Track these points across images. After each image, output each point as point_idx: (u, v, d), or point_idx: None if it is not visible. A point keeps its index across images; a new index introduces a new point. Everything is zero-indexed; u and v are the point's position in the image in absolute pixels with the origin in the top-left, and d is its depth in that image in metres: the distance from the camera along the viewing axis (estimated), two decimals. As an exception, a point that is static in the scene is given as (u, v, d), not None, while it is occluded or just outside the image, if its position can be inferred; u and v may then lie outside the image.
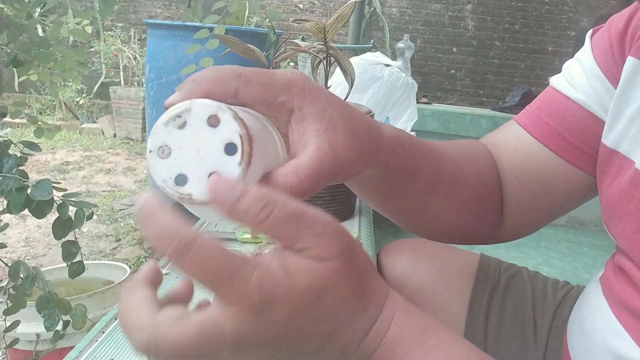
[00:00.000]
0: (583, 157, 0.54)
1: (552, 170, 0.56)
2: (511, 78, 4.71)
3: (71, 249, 0.76)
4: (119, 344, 0.44)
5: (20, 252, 2.39)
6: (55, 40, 0.96)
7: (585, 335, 0.53)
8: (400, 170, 0.46)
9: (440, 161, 0.51)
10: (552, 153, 0.55)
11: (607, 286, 0.51)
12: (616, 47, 0.52)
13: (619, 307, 0.48)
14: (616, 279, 0.50)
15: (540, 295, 0.68)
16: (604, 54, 0.53)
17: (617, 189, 0.48)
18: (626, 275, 0.48)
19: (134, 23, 5.06)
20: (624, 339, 0.46)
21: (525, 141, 0.57)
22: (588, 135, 0.53)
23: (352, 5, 0.70)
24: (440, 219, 0.55)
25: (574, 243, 2.59)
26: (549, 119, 0.56)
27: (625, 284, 0.48)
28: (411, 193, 0.49)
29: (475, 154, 0.58)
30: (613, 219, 0.49)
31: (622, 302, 0.48)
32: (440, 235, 0.60)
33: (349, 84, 0.80)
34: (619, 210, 0.48)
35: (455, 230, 0.58)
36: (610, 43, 0.52)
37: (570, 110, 0.54)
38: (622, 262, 0.49)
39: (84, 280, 1.45)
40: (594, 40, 0.55)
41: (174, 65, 2.25)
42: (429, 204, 0.52)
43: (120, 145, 4.52)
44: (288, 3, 4.87)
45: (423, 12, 4.72)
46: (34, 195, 0.66)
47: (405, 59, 2.24)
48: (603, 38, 0.54)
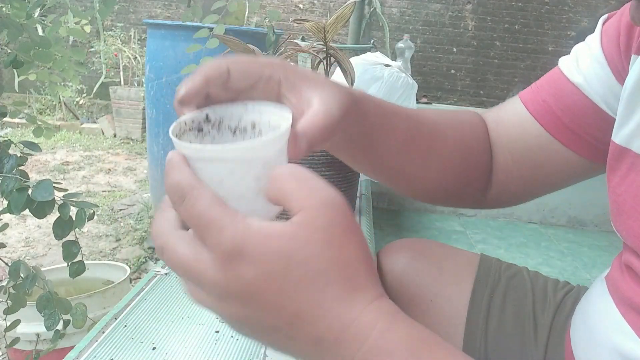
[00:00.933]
0: (574, 138, 0.56)
1: (542, 145, 0.58)
2: (511, 78, 4.71)
3: (72, 248, 0.76)
4: (119, 344, 0.44)
5: (20, 252, 2.39)
6: (54, 40, 0.96)
7: (590, 334, 0.53)
8: (374, 127, 0.49)
9: (415, 122, 0.54)
10: (543, 130, 0.57)
11: (614, 285, 0.51)
12: (623, 37, 0.52)
13: (625, 306, 0.48)
14: (623, 277, 0.50)
15: (541, 295, 0.68)
16: (610, 42, 0.54)
17: (629, 186, 0.48)
18: (634, 273, 0.48)
19: (134, 23, 5.06)
20: (630, 337, 0.46)
21: (522, 115, 0.60)
22: (582, 120, 0.55)
23: (352, 5, 0.70)
24: (423, 178, 0.57)
25: (574, 243, 2.59)
26: (548, 97, 0.58)
27: (632, 282, 0.48)
28: (389, 150, 0.52)
29: (461, 120, 0.61)
30: (622, 216, 0.49)
31: (628, 300, 0.48)
32: (425, 195, 0.62)
33: (349, 84, 0.80)
34: (630, 208, 0.48)
35: (439, 191, 0.60)
36: (618, 32, 0.53)
37: (569, 93, 0.56)
38: (630, 260, 0.49)
39: (84, 280, 1.45)
40: (605, 27, 0.55)
41: (174, 65, 2.25)
42: (408, 162, 0.55)
43: (120, 145, 4.52)
44: (288, 3, 4.87)
45: (423, 12, 4.72)
46: (35, 196, 0.66)
47: (405, 59, 2.24)
48: (613, 25, 0.54)
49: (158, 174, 2.45)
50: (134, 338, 0.45)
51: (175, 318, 0.49)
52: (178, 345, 0.45)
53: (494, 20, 4.66)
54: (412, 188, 0.60)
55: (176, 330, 0.47)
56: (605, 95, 0.53)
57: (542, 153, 0.58)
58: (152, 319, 0.49)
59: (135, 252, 2.44)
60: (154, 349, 0.44)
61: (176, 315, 0.50)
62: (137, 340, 0.45)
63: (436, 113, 0.59)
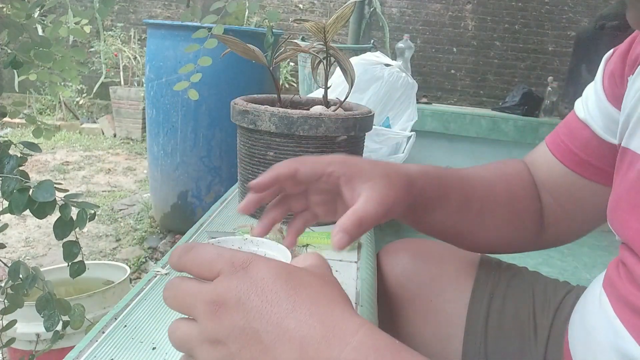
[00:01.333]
0: (594, 171, 0.60)
1: (570, 182, 0.62)
2: (511, 78, 4.71)
3: (72, 249, 0.76)
4: (119, 344, 0.44)
5: (20, 252, 2.39)
6: (55, 40, 0.96)
7: (587, 334, 0.53)
8: (431, 199, 0.56)
9: (468, 184, 0.61)
10: (567, 168, 0.62)
11: (610, 284, 0.52)
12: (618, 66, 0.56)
13: (621, 305, 0.48)
14: (619, 276, 0.50)
15: (541, 295, 0.68)
16: (610, 76, 0.58)
17: (624, 181, 0.51)
18: (628, 272, 0.48)
19: (134, 23, 5.06)
20: (625, 337, 0.46)
21: (547, 157, 0.65)
22: (596, 152, 0.59)
23: (352, 5, 0.70)
24: (479, 233, 0.63)
25: (574, 243, 2.58)
26: (564, 137, 0.63)
27: (627, 281, 0.48)
28: (446, 215, 0.59)
29: (508, 173, 0.67)
30: (617, 211, 0.51)
31: (624, 299, 0.48)
32: (484, 248, 0.67)
33: (349, 84, 0.80)
34: (624, 202, 0.50)
35: (496, 242, 0.65)
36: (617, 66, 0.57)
37: (578, 128, 0.61)
38: (624, 257, 0.50)
39: (84, 280, 1.45)
40: (608, 64, 0.59)
41: (174, 65, 2.25)
42: (464, 222, 0.61)
43: (120, 145, 4.52)
44: (288, 3, 4.86)
45: (423, 12, 4.72)
46: (36, 196, 0.66)
47: (405, 59, 2.23)
48: (614, 60, 0.58)
49: (158, 174, 2.45)
50: (134, 338, 0.45)
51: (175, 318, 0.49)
52: (178, 346, 0.44)
53: (494, 20, 4.66)
54: (471, 243, 0.66)
55: (176, 330, 0.47)
56: (607, 126, 0.58)
57: (573, 189, 0.62)
58: (152, 319, 0.49)
59: (135, 252, 2.44)
60: (154, 349, 0.44)
61: (176, 315, 0.50)
62: (137, 340, 0.45)
63: (485, 169, 0.65)
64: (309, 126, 0.72)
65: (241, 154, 0.81)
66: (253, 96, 0.86)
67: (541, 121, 1.99)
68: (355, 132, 0.77)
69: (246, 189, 0.45)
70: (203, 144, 2.29)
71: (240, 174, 0.82)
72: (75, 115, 5.08)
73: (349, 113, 0.77)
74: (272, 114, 0.73)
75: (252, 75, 2.27)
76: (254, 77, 2.27)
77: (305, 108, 0.86)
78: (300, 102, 0.93)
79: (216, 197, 1.83)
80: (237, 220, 0.80)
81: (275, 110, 0.73)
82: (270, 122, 0.73)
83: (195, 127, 2.28)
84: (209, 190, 2.37)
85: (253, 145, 0.77)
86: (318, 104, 0.88)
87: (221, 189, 2.35)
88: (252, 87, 2.25)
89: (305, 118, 0.72)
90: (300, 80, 2.54)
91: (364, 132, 0.81)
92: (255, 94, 0.87)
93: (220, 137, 2.30)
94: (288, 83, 4.63)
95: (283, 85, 4.57)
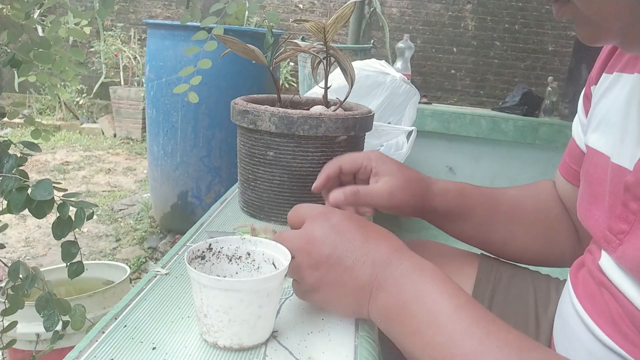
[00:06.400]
0: None
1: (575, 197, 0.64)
2: (511, 78, 4.71)
3: (70, 249, 0.75)
4: (119, 344, 0.44)
5: (20, 252, 2.39)
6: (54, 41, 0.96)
7: (563, 322, 0.55)
8: (451, 212, 0.67)
9: (495, 200, 0.69)
10: (573, 186, 0.66)
11: (574, 271, 0.56)
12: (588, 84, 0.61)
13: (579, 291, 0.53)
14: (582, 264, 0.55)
15: (542, 294, 0.68)
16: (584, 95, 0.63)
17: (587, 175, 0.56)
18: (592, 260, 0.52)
19: (134, 23, 5.06)
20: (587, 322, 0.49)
21: (559, 178, 0.70)
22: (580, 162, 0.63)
23: (352, 5, 0.70)
24: (507, 244, 0.70)
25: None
26: (567, 157, 0.68)
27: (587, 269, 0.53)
28: (471, 225, 0.69)
29: (538, 190, 0.73)
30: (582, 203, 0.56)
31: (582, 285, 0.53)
32: (512, 257, 0.73)
33: (349, 84, 0.80)
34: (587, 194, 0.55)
35: (526, 253, 0.71)
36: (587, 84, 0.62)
37: (572, 145, 0.66)
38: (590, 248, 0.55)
39: (84, 281, 1.45)
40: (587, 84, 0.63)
41: (174, 65, 2.25)
42: (491, 232, 0.69)
43: (120, 145, 4.52)
44: (288, 3, 4.86)
45: (423, 12, 4.72)
46: (34, 195, 0.66)
47: (405, 59, 2.23)
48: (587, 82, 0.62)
49: (158, 174, 2.45)
50: (134, 338, 0.45)
51: (175, 318, 0.49)
52: (178, 345, 0.44)
53: (494, 20, 4.66)
54: (499, 251, 0.72)
55: (176, 330, 0.47)
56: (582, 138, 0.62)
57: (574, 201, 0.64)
58: (152, 319, 0.48)
59: (135, 252, 2.44)
60: (154, 349, 0.44)
61: (176, 315, 0.50)
62: (137, 340, 0.45)
63: (513, 187, 0.73)
64: (309, 126, 0.72)
65: (241, 154, 0.81)
66: (253, 96, 0.86)
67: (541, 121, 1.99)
68: (355, 132, 0.77)
69: None
70: (203, 144, 2.29)
71: (240, 174, 0.82)
72: (75, 115, 5.08)
73: (349, 113, 0.77)
74: (272, 114, 0.73)
75: (252, 75, 2.27)
76: (254, 77, 2.27)
77: (305, 108, 0.86)
78: (300, 102, 0.93)
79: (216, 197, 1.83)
80: (237, 220, 0.80)
81: (275, 110, 0.73)
82: (270, 122, 0.73)
83: (195, 127, 2.28)
84: (209, 190, 2.37)
85: (253, 145, 0.77)
86: (318, 104, 0.88)
87: (221, 189, 2.35)
88: (252, 87, 2.25)
89: (305, 118, 0.72)
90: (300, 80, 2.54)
91: (364, 132, 0.82)
92: (255, 94, 0.87)
93: (220, 137, 2.30)
94: (288, 83, 4.63)
95: (283, 85, 4.58)
